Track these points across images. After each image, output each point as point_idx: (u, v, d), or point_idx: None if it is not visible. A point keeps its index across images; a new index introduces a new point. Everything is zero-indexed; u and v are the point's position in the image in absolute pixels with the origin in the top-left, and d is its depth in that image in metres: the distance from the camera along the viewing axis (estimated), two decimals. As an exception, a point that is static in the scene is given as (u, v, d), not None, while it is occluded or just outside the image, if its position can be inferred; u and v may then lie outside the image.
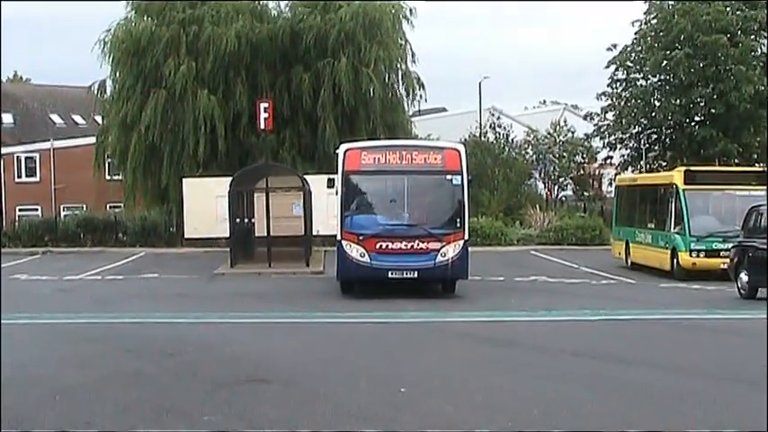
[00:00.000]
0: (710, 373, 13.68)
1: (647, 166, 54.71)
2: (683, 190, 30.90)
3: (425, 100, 52.33)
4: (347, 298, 25.43)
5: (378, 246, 24.41)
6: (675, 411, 11.10)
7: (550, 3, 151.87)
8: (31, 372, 13.73)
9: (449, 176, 24.89)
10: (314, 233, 37.72)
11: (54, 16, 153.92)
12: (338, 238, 25.02)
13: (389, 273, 24.52)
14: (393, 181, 25.17)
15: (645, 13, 55.14)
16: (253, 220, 39.16)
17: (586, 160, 64.26)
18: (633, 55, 54.94)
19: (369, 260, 24.42)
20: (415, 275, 24.66)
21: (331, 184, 26.54)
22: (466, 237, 25.28)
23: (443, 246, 24.55)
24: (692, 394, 12.17)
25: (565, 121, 66.42)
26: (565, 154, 63.29)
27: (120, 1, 50.39)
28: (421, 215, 25.20)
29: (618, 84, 55.90)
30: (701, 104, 52.68)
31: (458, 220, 25.09)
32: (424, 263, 24.48)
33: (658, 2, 54.69)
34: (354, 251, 24.51)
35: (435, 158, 25.10)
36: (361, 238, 24.51)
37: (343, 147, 25.87)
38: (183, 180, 43.27)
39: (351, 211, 25.00)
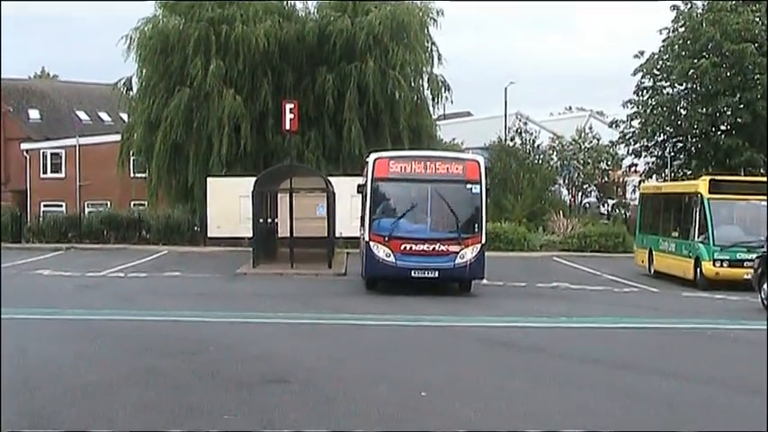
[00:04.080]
0: (732, 384, 13.61)
1: (672, 174, 54.48)
2: (708, 199, 30.81)
3: (451, 102, 52.36)
4: (369, 300, 25.86)
5: (402, 247, 26.28)
6: (696, 421, 11.05)
7: (578, 9, 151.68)
8: (53, 368, 13.78)
9: (469, 185, 26.80)
10: (337, 235, 37.74)
11: (82, 13, 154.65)
12: (366, 239, 26.75)
13: (412, 272, 26.33)
14: (418, 188, 26.80)
15: (672, 22, 54.90)
16: (276, 221, 39.22)
17: (611, 167, 64.09)
18: (660, 63, 54.68)
19: (394, 260, 26.31)
20: (436, 275, 26.45)
21: (360, 189, 28.05)
22: (483, 241, 27.00)
23: (462, 249, 26.43)
24: (713, 404, 12.13)
25: (590, 128, 66.30)
26: (589, 161, 63.15)
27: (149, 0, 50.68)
28: (442, 220, 26.97)
29: (644, 91, 55.65)
30: (728, 113, 52.35)
31: (476, 225, 26.92)
32: (444, 264, 26.34)
33: (687, 10, 54.45)
34: (381, 251, 26.40)
35: (457, 168, 27.04)
36: (387, 239, 26.37)
37: (373, 155, 27.75)
38: (208, 179, 43.41)
39: (378, 215, 26.87)
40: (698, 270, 30.93)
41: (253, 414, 10.85)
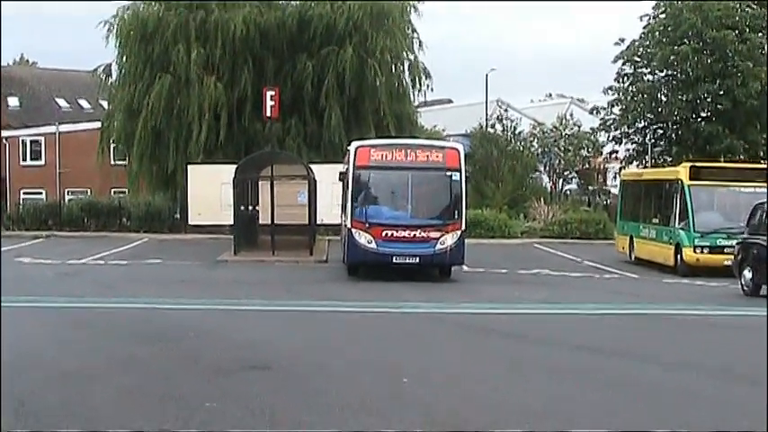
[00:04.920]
0: (713, 370, 13.63)
1: (653, 160, 54.62)
2: (689, 186, 30.89)
3: (431, 89, 52.32)
4: (350, 286, 26.16)
5: (384, 234, 26.76)
6: (677, 407, 11.06)
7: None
8: (33, 355, 13.71)
9: (449, 173, 27.26)
10: (318, 222, 37.72)
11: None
12: (348, 226, 27.20)
13: (394, 258, 26.92)
14: (398, 176, 27.32)
15: (653, 8, 55.04)
16: (257, 208, 39.15)
17: (592, 154, 64.17)
18: (641, 50, 54.79)
19: (375, 246, 26.85)
20: (417, 261, 27.12)
21: (342, 177, 28.85)
22: (463, 227, 27.65)
23: (442, 235, 27.02)
24: (694, 390, 12.14)
25: (571, 115, 66.36)
26: (570, 147, 63.21)
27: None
28: (423, 207, 27.75)
29: (625, 78, 55.77)
30: (708, 100, 52.52)
31: (456, 212, 27.43)
32: (425, 250, 26.93)
33: (667, -3, 54.60)
34: (363, 238, 26.86)
35: (437, 156, 27.60)
36: (368, 226, 26.84)
37: (354, 144, 28.32)
38: (188, 166, 43.30)
39: (360, 202, 27.26)
40: (678, 256, 31.01)
41: (234, 401, 10.81)
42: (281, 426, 9.79)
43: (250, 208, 38.59)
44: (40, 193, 60.44)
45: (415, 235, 26.80)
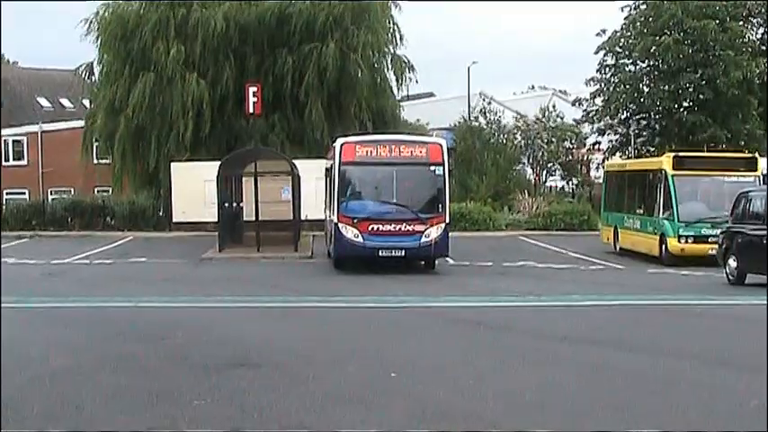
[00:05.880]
0: (700, 358, 13.65)
1: (636, 151, 54.78)
2: (672, 176, 30.97)
3: (416, 81, 52.24)
4: (337, 281, 26.34)
5: (370, 228, 27.28)
6: (665, 395, 11.08)
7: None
8: (20, 355, 13.64)
9: (432, 167, 27.92)
10: (302, 218, 37.70)
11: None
12: (334, 220, 27.66)
13: (380, 251, 27.48)
14: (383, 171, 27.88)
15: (634, -1, 55.23)
16: (241, 205, 39.10)
17: (575, 146, 64.21)
18: (622, 40, 55.01)
19: (362, 240, 27.35)
20: (403, 254, 27.67)
21: (327, 173, 29.35)
22: (447, 220, 28.36)
23: (427, 228, 27.69)
24: (681, 378, 12.15)
25: (553, 107, 66.40)
26: (553, 139, 63.23)
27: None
28: (408, 201, 28.00)
29: (607, 69, 55.93)
30: (690, 90, 52.72)
31: (440, 205, 28.16)
32: (410, 243, 27.57)
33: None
34: (349, 232, 27.36)
35: (420, 151, 28.16)
36: (355, 220, 27.32)
37: (340, 140, 28.67)
38: (171, 164, 43.30)
39: (346, 198, 27.85)
40: (663, 246, 31.10)
41: (223, 398, 10.79)
42: (271, 422, 9.78)
43: (234, 205, 38.51)
44: (24, 193, 60.22)
45: (400, 228, 27.33)
